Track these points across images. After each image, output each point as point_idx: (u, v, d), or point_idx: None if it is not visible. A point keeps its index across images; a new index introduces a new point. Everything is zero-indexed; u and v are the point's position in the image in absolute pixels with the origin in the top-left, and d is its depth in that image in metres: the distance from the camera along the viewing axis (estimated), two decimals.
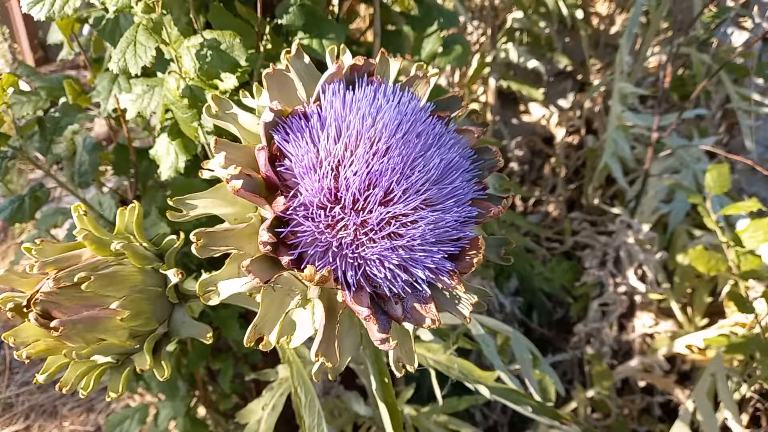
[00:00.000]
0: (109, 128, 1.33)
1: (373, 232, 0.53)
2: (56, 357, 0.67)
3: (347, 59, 0.64)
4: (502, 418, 2.31)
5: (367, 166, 0.52)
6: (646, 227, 2.18)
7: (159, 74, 1.06)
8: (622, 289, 2.16)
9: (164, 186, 1.37)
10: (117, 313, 0.63)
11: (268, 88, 0.58)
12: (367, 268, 0.55)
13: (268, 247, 0.51)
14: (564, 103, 3.19)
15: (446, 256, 0.56)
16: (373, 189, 0.52)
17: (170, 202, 0.60)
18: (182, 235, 0.69)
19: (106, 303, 0.64)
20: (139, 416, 1.68)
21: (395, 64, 0.62)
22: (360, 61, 0.58)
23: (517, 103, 3.41)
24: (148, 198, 1.30)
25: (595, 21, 3.05)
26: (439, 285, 0.58)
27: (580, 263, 2.48)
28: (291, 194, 0.54)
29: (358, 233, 0.53)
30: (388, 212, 0.53)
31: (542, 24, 2.89)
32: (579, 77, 3.21)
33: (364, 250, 0.53)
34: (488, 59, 2.89)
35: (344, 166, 0.53)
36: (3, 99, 1.03)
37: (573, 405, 2.18)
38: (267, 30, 1.11)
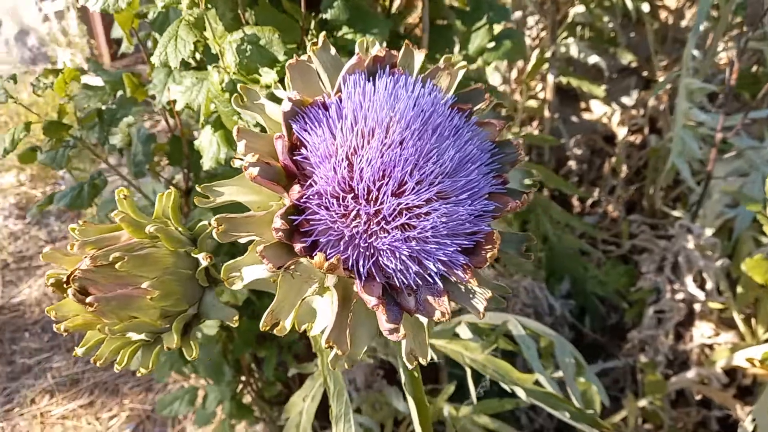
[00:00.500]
0: (165, 120, 1.39)
1: (386, 222, 0.54)
2: (94, 332, 0.71)
3: (375, 51, 0.64)
4: (549, 422, 2.26)
5: (381, 157, 0.52)
6: (708, 232, 2.08)
7: (210, 68, 1.10)
8: (680, 296, 2.06)
9: (215, 176, 1.42)
10: (148, 293, 0.66)
11: (291, 78, 0.59)
12: (379, 258, 0.55)
13: (280, 233, 0.53)
14: (627, 100, 3.08)
15: (460, 249, 0.56)
16: (387, 179, 0.53)
17: (198, 189, 0.63)
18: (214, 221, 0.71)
19: (139, 282, 0.68)
20: (189, 398, 1.75)
21: (419, 56, 0.62)
22: (382, 52, 0.59)
23: (578, 100, 3.31)
24: None
25: (663, 15, 2.92)
26: (454, 279, 0.58)
27: (636, 267, 2.39)
28: (308, 183, 0.55)
29: (371, 223, 0.54)
30: (400, 203, 0.53)
31: (606, 18, 2.79)
32: (644, 74, 3.08)
33: (376, 241, 0.54)
34: (548, 54, 2.82)
35: (359, 156, 0.53)
36: (65, 91, 1.09)
37: (623, 414, 2.11)
38: (312, 25, 1.13)
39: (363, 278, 0.54)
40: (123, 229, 0.72)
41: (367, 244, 0.54)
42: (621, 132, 3.01)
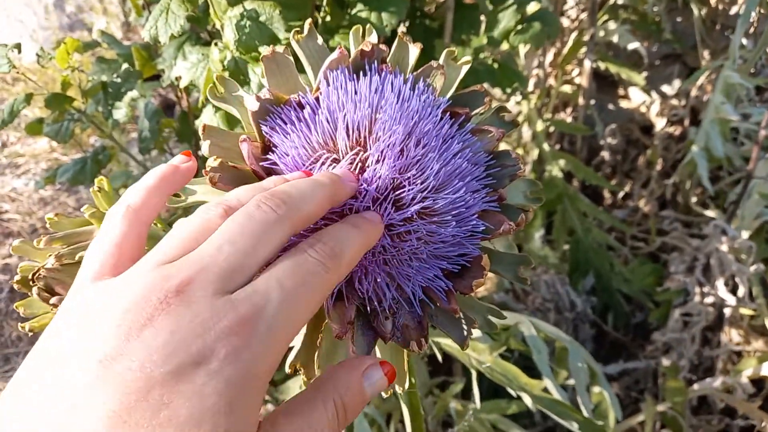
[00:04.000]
0: (175, 96, 1.35)
1: None
2: None
3: (372, 40, 0.58)
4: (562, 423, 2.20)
5: (355, 171, 0.47)
6: (745, 234, 1.96)
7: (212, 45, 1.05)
8: (709, 300, 1.96)
9: None
10: None
11: (267, 72, 0.53)
12: (353, 279, 0.49)
13: None
14: (668, 89, 2.92)
15: (445, 273, 0.50)
16: (360, 197, 0.47)
17: None
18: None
19: None
20: None
21: (414, 51, 0.55)
22: (368, 46, 0.52)
23: (617, 86, 3.16)
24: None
25: (712, 0, 2.74)
26: (438, 304, 0.52)
27: (665, 267, 2.29)
28: None
29: None
30: None
31: (650, 1, 2.63)
32: (689, 62, 2.91)
33: None
34: (586, 38, 2.68)
35: (331, 169, 0.47)
36: (68, 62, 1.05)
37: (641, 417, 2.03)
38: (325, 2, 1.06)
39: (332, 301, 0.49)
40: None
41: None
42: (659, 122, 2.87)
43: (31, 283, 0.64)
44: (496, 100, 2.83)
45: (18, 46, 1.22)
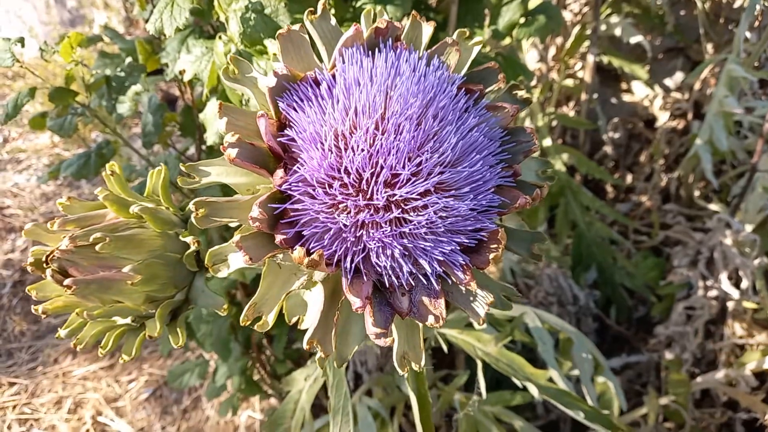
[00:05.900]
0: (179, 90, 1.35)
1: (378, 215, 0.48)
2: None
3: (386, 19, 0.58)
4: (565, 414, 2.20)
5: (373, 144, 0.47)
6: (749, 227, 1.96)
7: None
8: (712, 293, 1.96)
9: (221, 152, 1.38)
10: (129, 277, 0.62)
11: (282, 50, 0.53)
12: (370, 254, 0.50)
13: (257, 223, 0.47)
14: (671, 83, 2.92)
15: (461, 248, 0.50)
16: (378, 169, 0.47)
17: (182, 168, 0.58)
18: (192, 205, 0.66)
19: (123, 265, 0.63)
20: (199, 371, 1.74)
21: (428, 29, 0.55)
22: (383, 23, 0.52)
23: (619, 80, 3.16)
24: None
25: None
26: (453, 279, 0.52)
27: (668, 260, 2.29)
28: (293, 168, 0.50)
29: (360, 216, 0.48)
30: (393, 195, 0.47)
31: None
32: (692, 56, 2.91)
33: (365, 235, 0.48)
34: (588, 32, 2.68)
35: (349, 142, 0.47)
36: (71, 56, 1.05)
37: (644, 410, 2.03)
38: None
39: (349, 276, 0.49)
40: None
41: (355, 239, 0.49)
42: (662, 116, 2.86)
43: (45, 265, 0.64)
44: None
45: (21, 40, 1.22)
